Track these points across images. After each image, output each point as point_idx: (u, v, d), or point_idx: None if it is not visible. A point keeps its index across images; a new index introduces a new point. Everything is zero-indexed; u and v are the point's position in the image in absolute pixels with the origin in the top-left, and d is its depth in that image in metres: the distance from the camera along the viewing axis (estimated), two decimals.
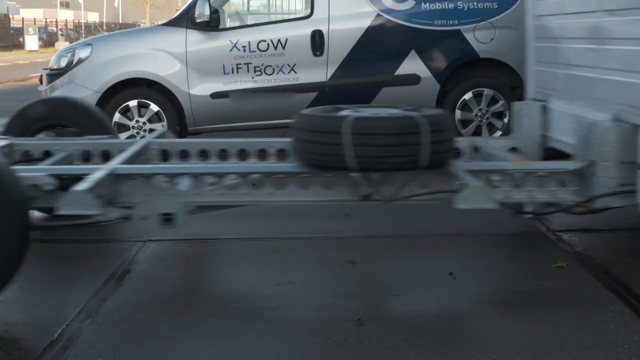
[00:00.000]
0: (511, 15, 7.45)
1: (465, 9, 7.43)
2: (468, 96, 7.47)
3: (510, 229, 5.04)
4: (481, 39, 7.43)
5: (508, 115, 7.51)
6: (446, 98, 7.46)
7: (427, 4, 7.43)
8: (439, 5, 7.44)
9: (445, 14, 7.43)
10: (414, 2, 7.43)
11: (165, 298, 3.91)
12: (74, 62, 7.47)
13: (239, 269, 4.43)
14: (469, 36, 7.42)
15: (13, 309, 3.70)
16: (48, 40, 53.73)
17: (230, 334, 3.45)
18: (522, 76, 7.45)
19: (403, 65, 7.41)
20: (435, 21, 7.43)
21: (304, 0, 8.13)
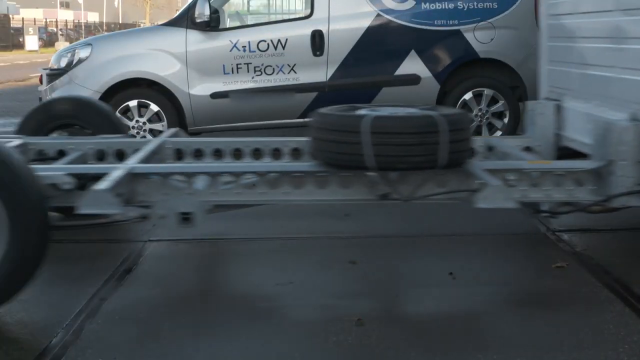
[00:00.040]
0: (511, 15, 7.46)
1: (465, 9, 7.43)
2: (468, 96, 7.47)
3: (510, 229, 5.04)
4: (481, 39, 7.43)
5: (508, 115, 7.51)
6: (446, 98, 7.46)
7: (427, 4, 7.43)
8: (439, 5, 7.44)
9: (445, 14, 7.43)
10: (414, 2, 7.43)
11: (165, 298, 3.91)
12: (74, 62, 7.46)
13: (239, 269, 4.43)
14: (469, 36, 7.43)
15: (13, 309, 3.69)
16: (48, 40, 53.74)
17: (230, 334, 3.45)
18: (522, 76, 7.52)
19: (403, 65, 7.41)
20: (435, 21, 7.43)
21: (304, 0, 8.12)
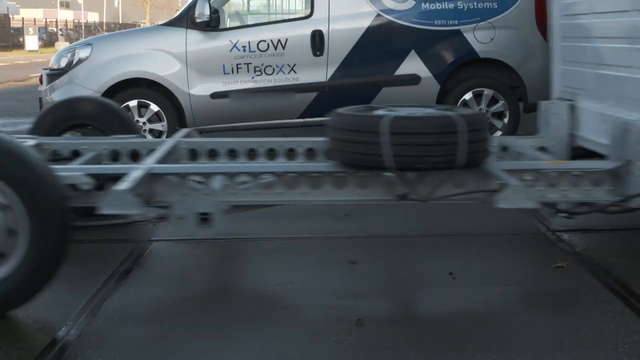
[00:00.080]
0: (511, 15, 7.46)
1: (465, 9, 7.43)
2: (468, 96, 7.47)
3: (510, 229, 5.04)
4: (481, 39, 7.43)
5: (508, 115, 7.51)
6: (446, 98, 7.46)
7: (427, 4, 7.44)
8: (439, 5, 7.44)
9: (445, 14, 7.43)
10: (414, 2, 7.43)
11: (165, 298, 3.91)
12: (74, 62, 7.47)
13: (240, 269, 4.43)
14: (469, 36, 7.43)
15: None
16: (48, 40, 53.73)
17: (230, 334, 3.45)
18: (522, 76, 7.52)
19: (403, 65, 7.42)
20: (435, 21, 7.43)
21: (304, 0, 8.12)
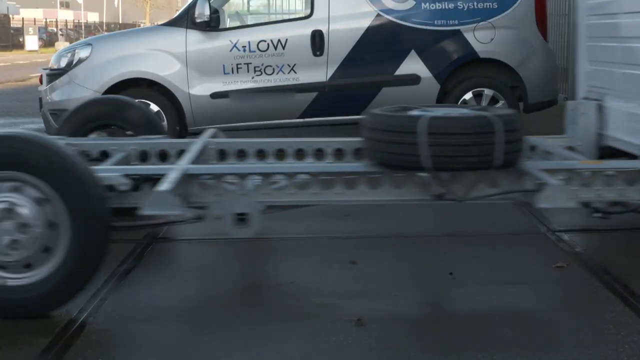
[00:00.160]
0: (511, 15, 7.46)
1: (465, 9, 7.43)
2: (468, 96, 7.47)
3: (510, 229, 5.04)
4: (481, 39, 7.43)
5: None
6: (446, 98, 7.46)
7: (427, 4, 7.44)
8: (439, 5, 7.44)
9: (445, 14, 7.43)
10: (414, 2, 7.43)
11: (165, 298, 3.91)
12: (74, 62, 7.46)
13: (240, 269, 4.43)
14: (469, 36, 7.43)
15: None
16: (48, 40, 53.74)
17: (230, 334, 3.45)
18: (522, 76, 7.52)
19: (403, 65, 7.41)
20: (435, 21, 7.43)
21: (304, 0, 8.13)
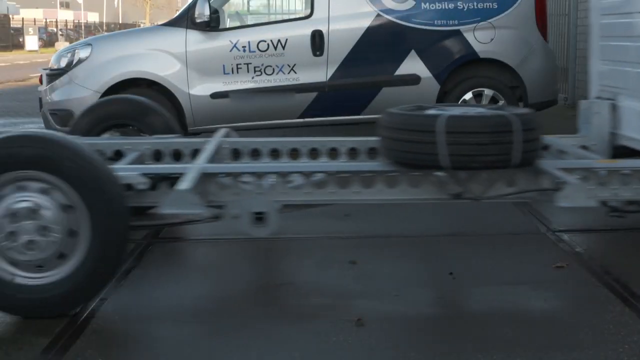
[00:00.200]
0: (511, 15, 7.46)
1: (465, 9, 7.43)
2: (468, 96, 7.46)
3: (510, 229, 5.05)
4: (481, 39, 7.43)
5: None
6: (446, 98, 7.46)
7: (427, 4, 7.43)
8: (439, 5, 7.44)
9: (445, 14, 7.43)
10: (414, 2, 7.43)
11: (165, 298, 3.91)
12: (74, 62, 7.46)
13: (240, 269, 4.43)
14: (469, 36, 7.42)
15: None
16: (48, 40, 53.75)
17: (230, 334, 3.45)
18: (522, 76, 7.52)
19: (403, 65, 7.41)
20: (435, 21, 7.43)
21: (304, 0, 8.12)
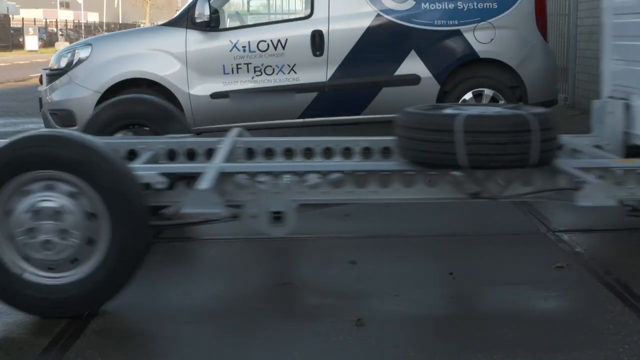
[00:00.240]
0: (511, 15, 7.46)
1: (465, 9, 7.43)
2: (468, 96, 7.46)
3: (510, 229, 5.05)
4: (481, 39, 7.43)
5: None
6: (446, 98, 7.45)
7: (427, 4, 7.43)
8: (439, 5, 7.44)
9: (445, 14, 7.43)
10: (414, 2, 7.43)
11: (164, 298, 3.91)
12: (74, 62, 7.45)
13: (239, 269, 4.43)
14: (469, 36, 7.42)
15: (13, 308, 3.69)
16: (48, 40, 53.75)
17: (230, 334, 3.45)
18: (522, 76, 7.51)
19: (403, 65, 7.41)
20: (435, 21, 7.43)
21: (304, 1, 8.12)
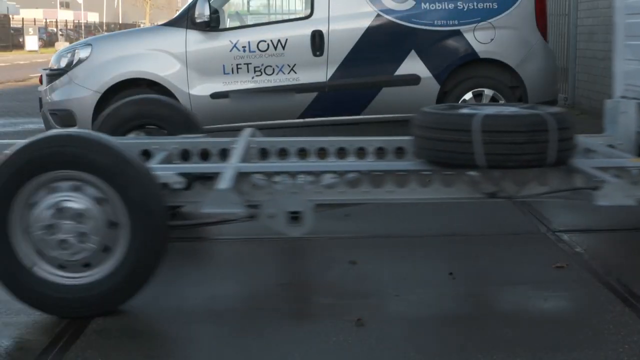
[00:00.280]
0: (511, 15, 7.46)
1: (465, 9, 7.43)
2: (468, 96, 7.46)
3: (510, 229, 5.05)
4: (481, 39, 7.43)
5: None
6: (446, 98, 7.45)
7: (427, 4, 7.43)
8: (439, 5, 7.44)
9: (445, 14, 7.43)
10: (414, 2, 7.43)
11: (164, 298, 3.91)
12: (74, 62, 7.45)
13: (240, 269, 4.43)
14: (469, 36, 7.42)
15: (13, 308, 3.69)
16: (48, 40, 53.78)
17: (230, 335, 3.45)
18: (522, 76, 7.51)
19: (403, 65, 7.41)
20: (435, 21, 7.43)
21: (304, 1, 8.12)
